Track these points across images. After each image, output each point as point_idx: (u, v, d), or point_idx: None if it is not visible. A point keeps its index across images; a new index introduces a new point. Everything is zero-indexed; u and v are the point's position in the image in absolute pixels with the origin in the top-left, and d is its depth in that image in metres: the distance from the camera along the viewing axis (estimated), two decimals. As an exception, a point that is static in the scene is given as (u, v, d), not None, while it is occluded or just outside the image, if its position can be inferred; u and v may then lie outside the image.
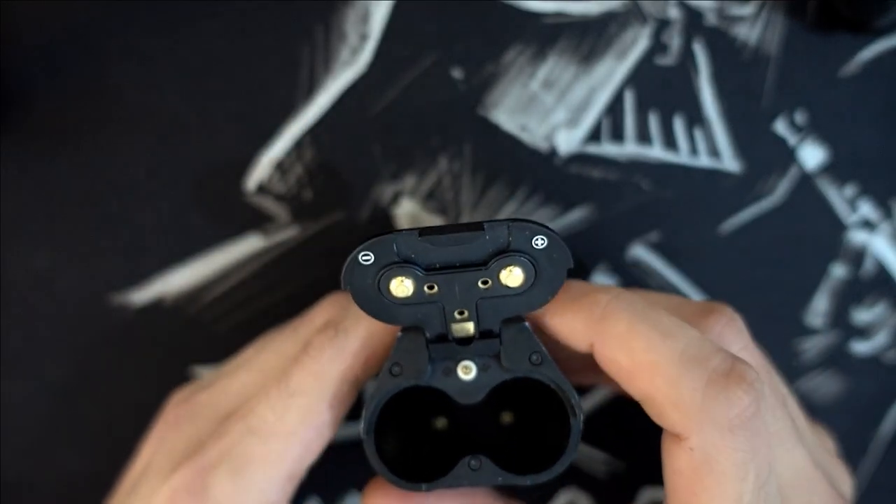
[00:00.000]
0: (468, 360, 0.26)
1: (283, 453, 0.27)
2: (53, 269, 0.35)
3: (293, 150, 0.35)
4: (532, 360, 0.26)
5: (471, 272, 0.25)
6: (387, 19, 0.35)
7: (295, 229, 0.36)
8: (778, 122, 0.35)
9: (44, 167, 0.35)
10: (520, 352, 0.26)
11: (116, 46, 0.34)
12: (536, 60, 0.35)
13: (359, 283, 0.25)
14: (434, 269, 0.25)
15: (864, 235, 0.36)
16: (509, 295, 0.25)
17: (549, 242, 0.25)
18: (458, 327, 0.26)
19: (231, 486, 0.27)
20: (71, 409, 0.36)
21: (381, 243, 0.25)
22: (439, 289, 0.25)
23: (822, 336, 0.37)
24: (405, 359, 0.26)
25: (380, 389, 0.26)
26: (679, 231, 0.36)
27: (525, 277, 0.25)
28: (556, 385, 0.26)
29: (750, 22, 0.35)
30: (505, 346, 0.26)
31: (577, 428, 0.26)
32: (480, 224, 0.25)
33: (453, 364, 0.26)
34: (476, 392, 0.27)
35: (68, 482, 0.36)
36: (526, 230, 0.25)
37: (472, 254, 0.25)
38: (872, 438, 0.37)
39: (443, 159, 0.35)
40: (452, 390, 0.27)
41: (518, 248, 0.25)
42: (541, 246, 0.25)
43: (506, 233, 0.25)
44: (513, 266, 0.25)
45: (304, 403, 0.27)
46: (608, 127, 0.35)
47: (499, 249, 0.25)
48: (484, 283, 0.25)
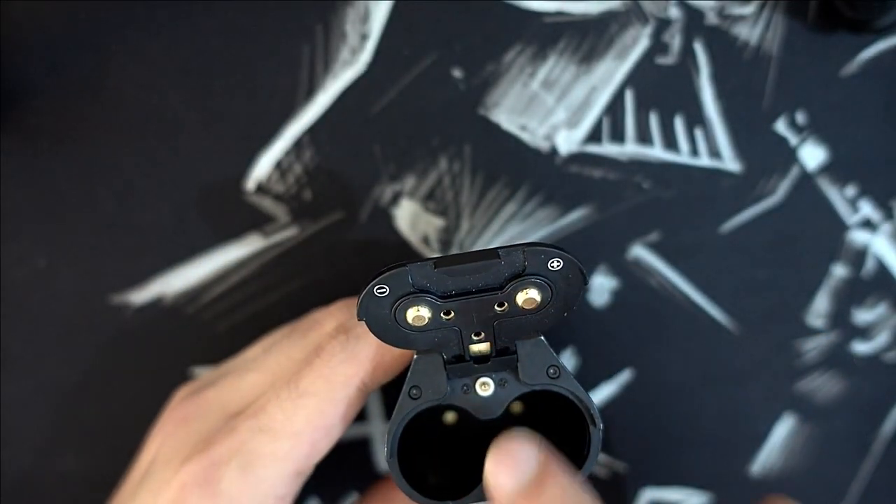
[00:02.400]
0: (485, 376, 0.26)
1: (291, 451, 0.28)
2: (53, 269, 0.35)
3: (293, 150, 0.35)
4: (550, 373, 0.26)
5: (487, 297, 0.25)
6: (387, 19, 0.35)
7: (294, 229, 0.36)
8: (779, 122, 0.35)
9: (44, 167, 0.35)
10: (537, 366, 0.26)
11: (116, 46, 0.34)
12: (537, 60, 0.35)
13: (374, 314, 0.25)
14: (450, 296, 0.25)
15: (865, 236, 0.36)
16: (527, 315, 0.26)
17: (564, 264, 0.25)
18: (475, 348, 0.26)
19: (241, 481, 0.28)
20: (71, 409, 0.36)
21: (396, 276, 0.25)
22: (455, 314, 0.25)
23: (823, 336, 0.37)
24: (424, 381, 0.26)
25: (401, 412, 0.26)
26: (680, 231, 0.36)
27: (542, 299, 0.25)
28: (576, 397, 0.26)
29: (751, 21, 0.35)
30: (522, 362, 0.26)
31: (598, 438, 0.26)
32: (496, 251, 0.25)
33: (471, 381, 0.26)
34: (495, 407, 0.27)
35: (68, 482, 0.36)
36: (541, 254, 0.25)
37: (488, 280, 0.25)
38: (874, 438, 0.37)
39: (443, 159, 0.35)
40: (471, 407, 0.27)
41: (534, 272, 0.25)
42: (556, 268, 0.25)
43: (521, 258, 0.25)
44: (529, 289, 0.25)
45: (313, 405, 0.28)
46: (608, 127, 0.35)
47: (514, 274, 0.25)
48: (500, 305, 0.25)
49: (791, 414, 0.37)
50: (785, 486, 0.38)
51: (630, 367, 0.37)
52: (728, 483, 0.37)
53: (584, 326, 0.36)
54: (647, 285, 0.36)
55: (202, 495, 0.28)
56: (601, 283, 0.36)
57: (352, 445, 0.37)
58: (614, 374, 0.37)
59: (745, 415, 0.37)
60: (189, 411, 0.31)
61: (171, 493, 0.28)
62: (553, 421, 0.30)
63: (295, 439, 0.28)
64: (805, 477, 0.37)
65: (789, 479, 0.37)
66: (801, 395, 0.37)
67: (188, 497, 0.28)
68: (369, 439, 0.37)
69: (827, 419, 0.37)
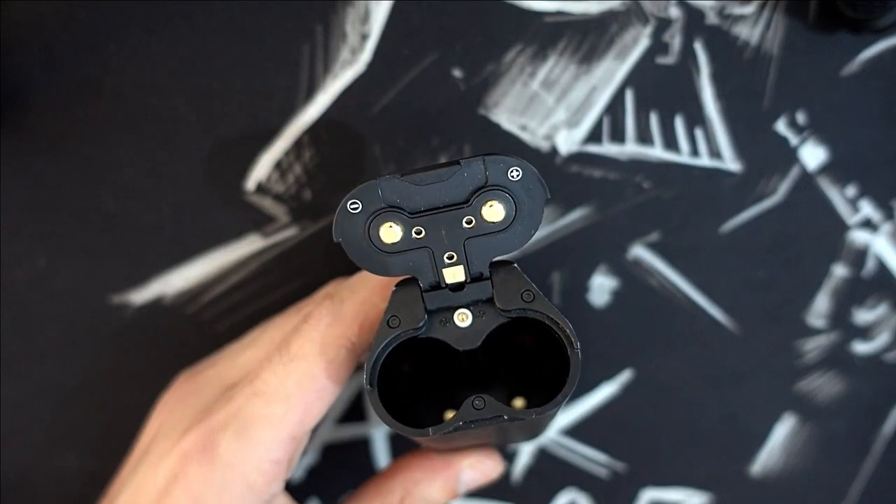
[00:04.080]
0: (463, 307, 0.27)
1: (285, 415, 0.28)
2: (53, 269, 0.35)
3: (293, 150, 0.35)
4: (524, 298, 0.26)
5: (454, 211, 0.26)
6: (387, 19, 0.35)
7: (294, 229, 0.36)
8: (779, 122, 0.35)
9: (44, 167, 0.35)
10: (511, 291, 0.27)
11: (116, 46, 0.34)
12: (537, 60, 0.35)
13: (350, 233, 0.26)
14: (419, 213, 0.26)
15: (866, 236, 0.36)
16: (494, 232, 0.26)
17: (523, 174, 0.26)
18: (450, 272, 0.27)
19: (237, 445, 0.28)
20: (71, 409, 0.36)
21: (366, 189, 0.26)
22: (426, 232, 0.26)
23: (823, 336, 0.37)
24: (402, 311, 0.27)
25: (379, 340, 0.26)
26: (680, 231, 0.36)
27: (506, 211, 0.26)
28: (551, 319, 0.26)
29: (751, 21, 0.35)
30: (497, 288, 0.27)
31: (576, 359, 0.26)
32: (457, 161, 0.26)
33: (449, 313, 0.27)
34: (474, 337, 0.27)
35: (68, 482, 0.36)
36: (500, 163, 0.26)
37: (453, 193, 0.26)
38: (874, 439, 0.37)
39: (443, 159, 0.35)
40: (450, 338, 0.27)
41: (495, 183, 0.26)
42: (516, 177, 0.26)
43: (482, 167, 0.26)
44: (492, 201, 0.26)
45: (303, 368, 0.28)
46: (609, 127, 0.35)
47: (477, 186, 0.26)
48: (468, 222, 0.26)
49: (791, 414, 0.37)
50: (785, 487, 0.38)
51: (630, 367, 0.37)
52: (728, 483, 0.37)
53: (585, 326, 0.36)
54: (647, 285, 0.36)
55: (201, 461, 0.29)
56: (601, 283, 0.36)
57: (352, 445, 0.37)
58: (614, 374, 0.37)
59: (746, 415, 0.37)
60: (188, 389, 0.32)
61: (170, 463, 0.29)
62: (532, 346, 0.30)
63: (288, 402, 0.28)
64: (805, 477, 0.37)
65: (789, 479, 0.37)
66: (801, 396, 0.37)
67: (188, 465, 0.29)
68: (369, 439, 0.37)
69: (827, 419, 0.37)
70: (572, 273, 0.36)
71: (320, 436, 0.37)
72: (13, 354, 0.36)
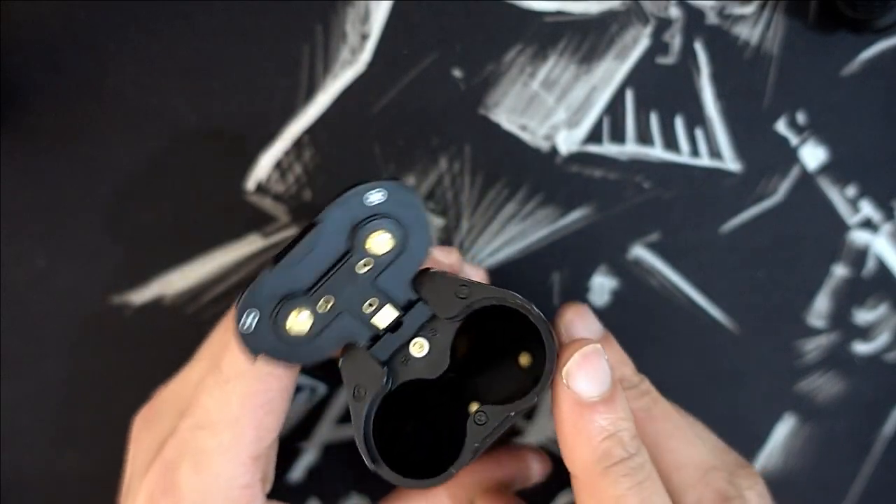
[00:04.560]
0: (414, 337, 0.26)
1: (236, 442, 0.27)
2: (53, 269, 0.35)
3: (293, 150, 0.35)
4: (460, 294, 0.25)
5: (344, 265, 0.24)
6: (387, 19, 0.35)
7: (294, 229, 0.36)
8: (779, 122, 0.35)
9: (44, 167, 0.35)
10: (446, 295, 0.25)
11: (116, 46, 0.34)
12: (537, 60, 0.35)
13: (263, 345, 0.24)
14: (314, 286, 0.24)
15: (866, 236, 0.36)
16: (394, 258, 0.25)
17: (384, 191, 0.24)
18: (379, 318, 0.25)
19: (198, 479, 0.27)
20: (71, 409, 0.36)
21: (250, 296, 0.24)
22: (335, 300, 0.25)
23: (823, 337, 0.37)
24: (361, 378, 0.25)
25: (357, 418, 0.25)
26: (680, 231, 0.36)
27: (392, 234, 0.24)
28: (497, 299, 0.25)
29: (751, 21, 0.35)
30: (431, 301, 0.25)
31: (540, 319, 0.25)
32: (312, 223, 0.24)
33: (404, 350, 0.26)
34: (440, 358, 0.26)
35: (68, 482, 0.36)
36: (353, 198, 0.24)
37: (331, 250, 0.24)
38: (874, 439, 0.37)
39: (443, 159, 0.35)
40: (420, 373, 0.26)
41: (363, 217, 0.24)
42: (381, 199, 0.24)
43: (340, 212, 0.24)
44: (372, 234, 0.24)
45: (241, 388, 0.26)
46: (609, 127, 0.35)
47: (349, 229, 0.24)
48: (365, 265, 0.24)
49: (791, 414, 0.37)
50: (785, 487, 0.38)
51: (630, 368, 0.37)
52: (728, 483, 0.37)
53: (585, 326, 0.36)
54: (647, 285, 0.36)
55: (168, 501, 0.27)
56: (601, 283, 0.36)
57: (352, 445, 0.37)
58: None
59: (746, 415, 0.37)
60: (150, 415, 0.30)
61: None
62: (503, 341, 0.29)
63: (235, 428, 0.26)
64: (805, 477, 0.37)
65: (790, 479, 0.37)
66: (801, 396, 0.37)
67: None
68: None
69: (827, 420, 0.37)
70: (572, 273, 0.36)
71: (320, 436, 0.37)
72: (13, 354, 0.36)
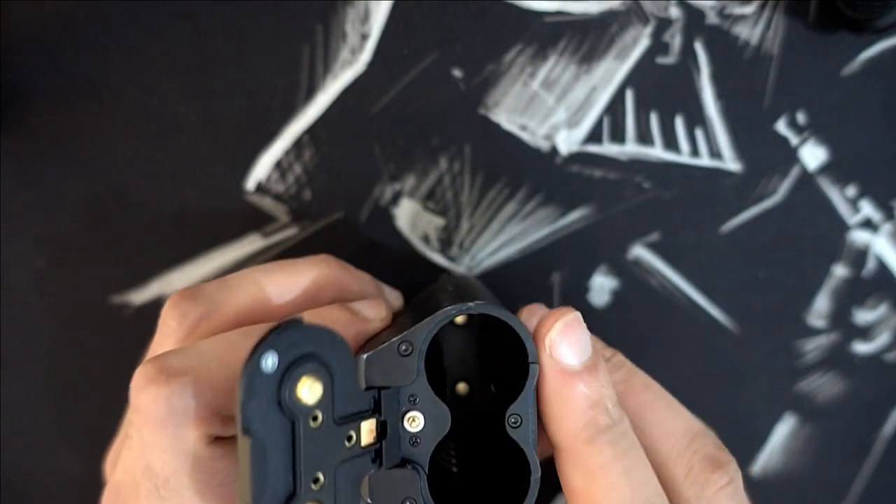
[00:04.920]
0: (402, 420, 0.24)
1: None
2: (53, 269, 0.35)
3: (292, 149, 0.35)
4: (405, 352, 0.24)
5: (302, 438, 0.22)
6: (387, 19, 0.35)
7: (294, 229, 0.35)
8: (779, 122, 0.35)
9: (44, 167, 0.35)
10: (393, 364, 0.24)
11: (116, 46, 0.34)
12: (537, 60, 0.35)
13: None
14: (295, 480, 0.22)
15: (866, 236, 0.36)
16: (332, 386, 0.22)
17: (267, 354, 0.21)
18: (366, 438, 0.24)
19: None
20: (71, 409, 0.36)
21: None
22: (321, 467, 0.22)
23: (823, 337, 0.37)
24: (397, 495, 0.24)
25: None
26: (680, 231, 0.36)
27: (310, 375, 0.22)
28: (437, 326, 0.24)
29: (751, 21, 0.35)
30: (388, 382, 0.24)
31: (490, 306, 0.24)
32: (245, 434, 0.21)
33: (405, 436, 0.24)
34: (439, 414, 0.24)
35: (68, 482, 0.36)
36: (254, 385, 0.21)
37: (278, 442, 0.21)
38: (874, 439, 0.37)
39: (443, 159, 0.35)
40: (434, 438, 0.24)
41: (276, 387, 0.21)
42: (273, 362, 0.21)
43: (256, 405, 0.21)
44: (298, 393, 0.21)
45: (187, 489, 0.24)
46: (609, 127, 0.35)
47: (276, 405, 0.21)
48: (314, 417, 0.22)
49: (792, 414, 0.37)
50: (785, 487, 0.38)
51: (630, 368, 0.37)
52: (728, 483, 0.37)
53: (585, 326, 0.36)
54: (647, 285, 0.36)
55: None
56: (601, 283, 0.36)
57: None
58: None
59: (746, 415, 0.37)
60: (117, 484, 0.28)
61: None
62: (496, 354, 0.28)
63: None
64: (806, 478, 0.37)
65: (790, 479, 0.37)
66: (801, 396, 0.37)
67: None
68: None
69: (828, 420, 0.37)
70: (572, 273, 0.36)
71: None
72: (13, 354, 0.36)
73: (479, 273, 0.36)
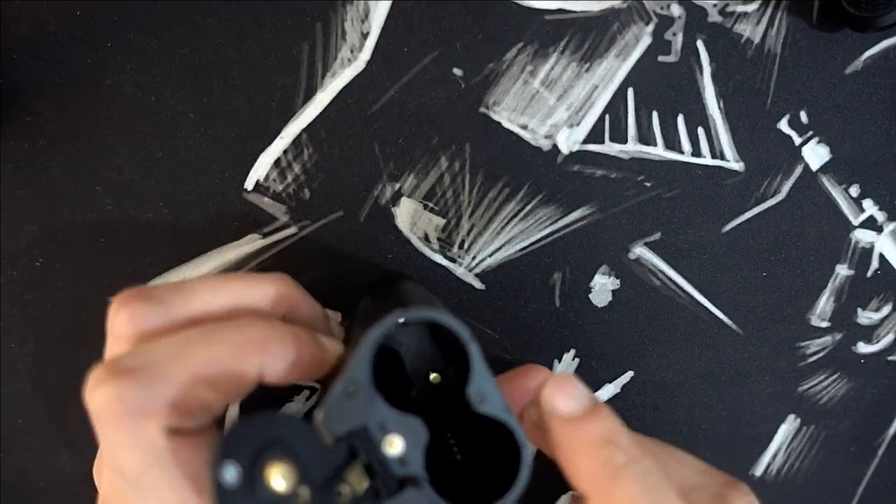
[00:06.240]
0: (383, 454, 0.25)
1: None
2: (52, 269, 0.35)
3: (292, 149, 0.35)
4: (353, 396, 0.24)
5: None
6: (386, 17, 0.34)
7: (293, 228, 0.35)
8: (782, 121, 0.35)
9: (43, 166, 0.35)
10: (350, 406, 0.24)
11: (115, 46, 0.34)
12: (538, 58, 0.35)
13: None
14: None
15: (870, 235, 0.36)
16: (301, 461, 0.23)
17: (227, 467, 0.21)
18: (357, 484, 0.24)
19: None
20: (71, 409, 0.36)
21: None
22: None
23: (827, 337, 0.36)
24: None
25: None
26: (682, 231, 0.36)
27: (279, 462, 0.22)
28: (374, 345, 0.24)
29: (754, 19, 0.35)
30: (351, 427, 0.24)
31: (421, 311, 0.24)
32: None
33: (392, 463, 0.25)
34: (416, 430, 0.25)
35: (68, 482, 0.36)
36: (217, 483, 0.21)
37: None
38: (878, 440, 0.37)
39: (443, 158, 0.35)
40: (417, 454, 0.25)
41: (246, 488, 0.22)
42: (234, 474, 0.21)
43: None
44: (270, 483, 0.22)
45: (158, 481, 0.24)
46: (610, 126, 0.35)
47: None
48: (299, 493, 0.23)
49: (795, 415, 0.37)
50: (788, 488, 0.37)
51: (631, 368, 0.37)
52: (731, 485, 0.37)
53: (585, 327, 0.36)
54: (648, 285, 0.36)
55: None
56: (603, 283, 0.36)
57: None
58: (615, 375, 0.37)
59: (748, 416, 0.37)
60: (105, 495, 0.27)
61: None
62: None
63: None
64: (810, 479, 0.37)
65: (792, 480, 0.37)
66: (804, 397, 0.36)
67: None
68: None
69: (831, 421, 0.37)
70: (573, 273, 0.36)
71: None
72: (13, 354, 0.36)
73: (479, 273, 0.36)
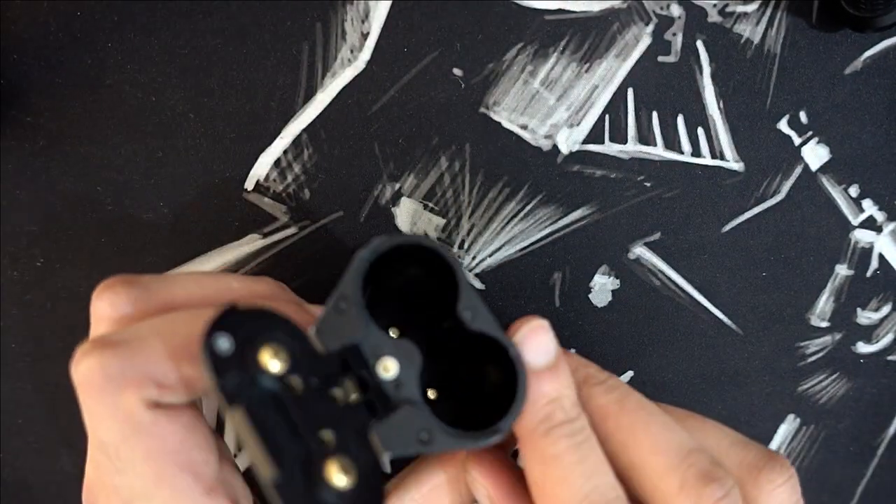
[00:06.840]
0: (377, 368, 0.25)
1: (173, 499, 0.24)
2: (52, 269, 0.35)
3: (292, 149, 0.35)
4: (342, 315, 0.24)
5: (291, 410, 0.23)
6: (386, 17, 0.34)
7: (293, 228, 0.35)
8: (782, 121, 0.35)
9: (43, 166, 0.35)
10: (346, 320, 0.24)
11: (115, 46, 0.34)
12: (537, 59, 0.35)
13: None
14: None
15: (870, 235, 0.36)
16: (303, 366, 0.23)
17: (228, 321, 0.22)
18: (346, 393, 0.24)
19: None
20: (71, 409, 0.36)
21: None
22: (330, 436, 0.23)
23: (827, 337, 0.36)
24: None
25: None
26: (682, 231, 0.36)
27: (273, 349, 0.23)
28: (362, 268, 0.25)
29: (753, 19, 0.35)
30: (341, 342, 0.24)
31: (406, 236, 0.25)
32: (231, 399, 0.22)
33: (387, 386, 0.25)
34: (409, 351, 0.25)
35: (68, 482, 0.36)
36: (210, 348, 0.22)
37: (266, 411, 0.22)
38: (878, 441, 0.37)
39: (443, 158, 0.35)
40: (412, 373, 0.25)
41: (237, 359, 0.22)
42: (229, 345, 0.22)
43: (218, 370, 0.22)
44: (260, 358, 0.22)
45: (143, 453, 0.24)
46: (610, 126, 0.35)
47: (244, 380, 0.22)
48: (291, 387, 0.23)
49: (794, 415, 0.37)
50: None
51: (631, 368, 0.37)
52: (731, 485, 0.37)
53: (585, 327, 0.36)
54: (648, 285, 0.36)
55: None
56: (602, 282, 0.36)
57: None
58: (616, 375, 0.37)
59: (748, 416, 0.37)
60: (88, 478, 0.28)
61: None
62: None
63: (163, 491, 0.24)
64: (810, 480, 0.37)
65: (793, 481, 0.37)
66: (804, 397, 0.36)
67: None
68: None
69: (830, 420, 0.37)
70: (573, 273, 0.36)
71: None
72: (13, 354, 0.36)
73: (479, 273, 0.36)
